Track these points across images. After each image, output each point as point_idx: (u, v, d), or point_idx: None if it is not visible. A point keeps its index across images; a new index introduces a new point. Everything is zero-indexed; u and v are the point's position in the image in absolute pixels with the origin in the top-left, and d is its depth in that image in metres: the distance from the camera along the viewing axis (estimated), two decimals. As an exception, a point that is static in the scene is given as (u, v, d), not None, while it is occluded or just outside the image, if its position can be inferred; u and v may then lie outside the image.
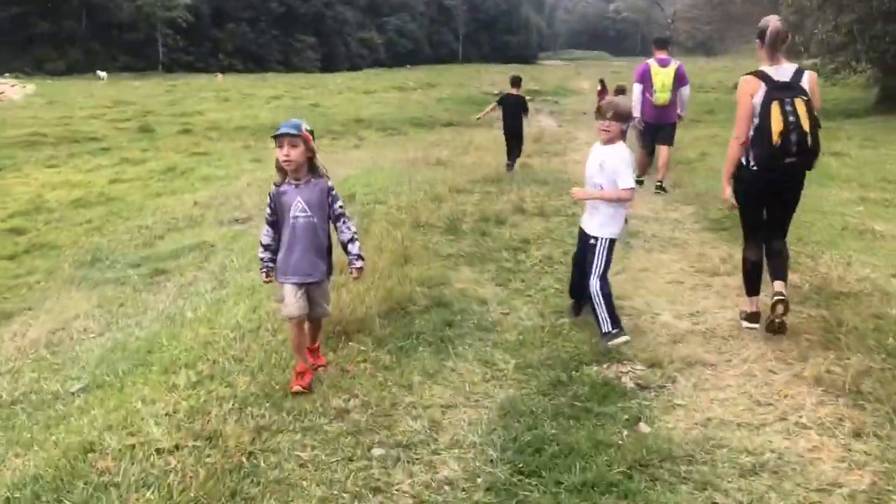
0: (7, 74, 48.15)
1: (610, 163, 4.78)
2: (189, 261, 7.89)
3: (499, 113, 13.01)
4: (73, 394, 4.58)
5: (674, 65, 9.25)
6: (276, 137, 3.97)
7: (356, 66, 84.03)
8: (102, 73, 53.75)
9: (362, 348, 4.59)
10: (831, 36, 25.92)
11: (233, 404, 3.82)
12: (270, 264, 4.21)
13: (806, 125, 4.41)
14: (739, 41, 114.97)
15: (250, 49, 79.58)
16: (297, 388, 3.99)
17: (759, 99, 4.54)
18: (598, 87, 30.17)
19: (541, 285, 5.98)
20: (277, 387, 4.01)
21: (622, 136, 4.96)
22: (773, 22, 4.62)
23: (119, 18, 65.67)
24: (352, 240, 4.18)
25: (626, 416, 3.79)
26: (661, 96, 9.20)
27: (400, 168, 13.62)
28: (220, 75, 55.10)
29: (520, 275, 6.26)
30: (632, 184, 4.76)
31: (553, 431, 3.60)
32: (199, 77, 56.64)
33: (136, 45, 67.04)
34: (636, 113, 9.02)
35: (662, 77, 9.17)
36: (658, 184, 9.63)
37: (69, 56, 61.39)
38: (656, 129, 9.58)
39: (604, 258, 4.88)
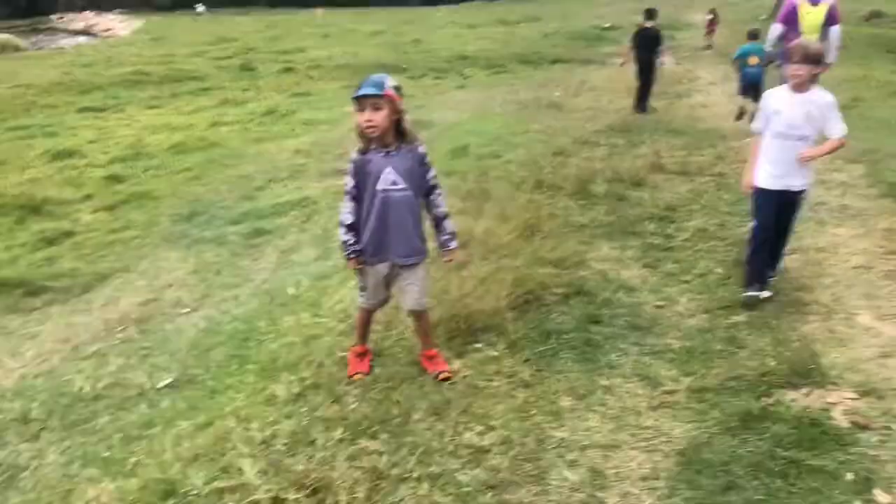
0: (117, 10, 49.15)
1: (818, 110, 4.28)
2: (290, 220, 7.24)
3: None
4: (159, 390, 3.99)
5: (826, 2, 7.98)
6: (355, 99, 3.29)
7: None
8: (200, 7, 53.81)
9: (492, 353, 3.79)
10: None
11: (342, 432, 3.10)
12: (358, 247, 3.50)
13: None
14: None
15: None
16: (357, 374, 3.64)
17: None
18: (709, 18, 28.07)
19: (699, 268, 5.00)
20: (395, 411, 3.26)
21: (815, 80, 4.39)
22: None
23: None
24: (447, 216, 3.58)
25: (852, 476, 2.85)
26: (809, 38, 7.77)
27: (511, 112, 12.63)
28: (319, 10, 54.53)
29: (671, 253, 5.28)
30: (845, 129, 4.31)
31: (758, 497, 2.72)
32: (301, 13, 56.33)
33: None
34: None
35: (812, 17, 7.92)
36: None
37: (175, -10, 62.21)
38: None
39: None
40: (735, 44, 27.69)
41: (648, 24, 11.77)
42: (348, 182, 3.47)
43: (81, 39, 39.32)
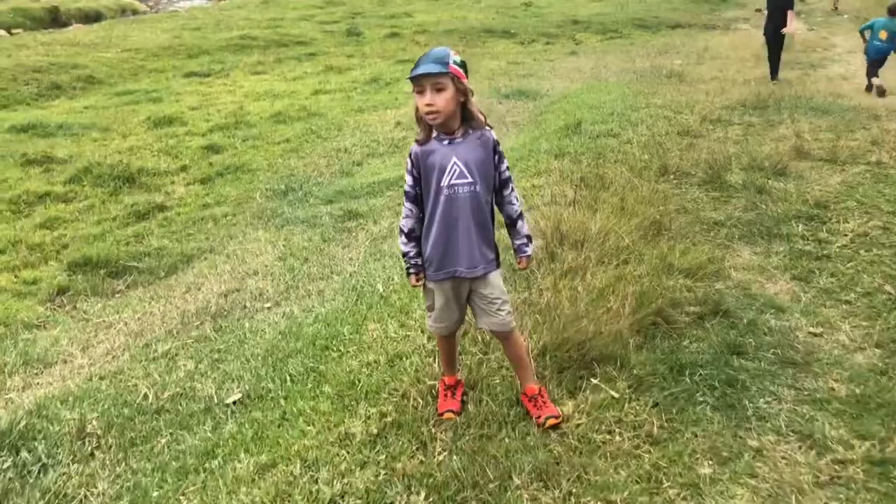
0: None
1: None
2: (385, 202, 6.71)
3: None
4: (227, 406, 3.54)
5: None
6: (413, 80, 2.65)
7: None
8: None
9: (613, 394, 3.11)
10: None
11: (425, 497, 2.53)
12: (419, 260, 2.92)
13: None
14: None
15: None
16: (446, 413, 3.06)
17: None
18: None
19: (863, 285, 4.13)
20: (491, 472, 2.64)
21: None
22: None
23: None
24: (521, 215, 3.01)
25: None
26: None
27: (628, 82, 11.68)
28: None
29: (826, 264, 4.42)
30: None
31: None
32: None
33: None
34: None
35: None
36: None
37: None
38: None
39: None
40: (869, 7, 25.39)
41: None
42: (407, 179, 2.87)
43: (199, 1, 40.03)
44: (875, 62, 10.56)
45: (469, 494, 2.54)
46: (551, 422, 2.90)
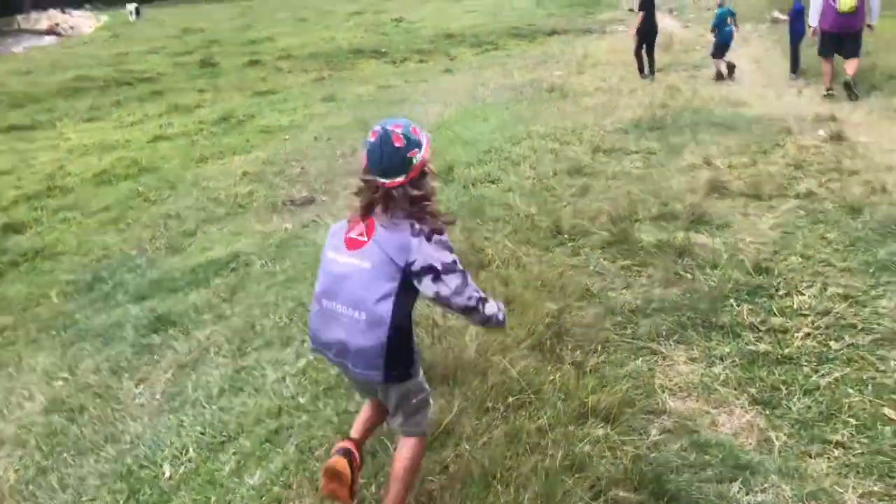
0: (87, 6, 46.78)
1: None
2: (209, 297, 5.14)
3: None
4: None
5: None
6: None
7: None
8: (131, 5, 36.81)
9: None
10: None
11: None
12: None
13: None
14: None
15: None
16: None
17: None
18: None
19: (852, 408, 2.90)
20: None
21: None
22: None
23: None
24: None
25: None
26: (846, 3, 8.05)
27: (507, 102, 10.49)
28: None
29: (792, 370, 3.17)
30: None
31: None
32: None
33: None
34: (813, 22, 8.44)
35: None
36: (846, 81, 8.25)
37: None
38: (839, 40, 8.34)
39: None
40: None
41: None
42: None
43: (48, 39, 36.94)
44: (725, 47, 11.90)
45: None
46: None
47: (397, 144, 2.14)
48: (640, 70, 12.52)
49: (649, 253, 4.30)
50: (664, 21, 22.61)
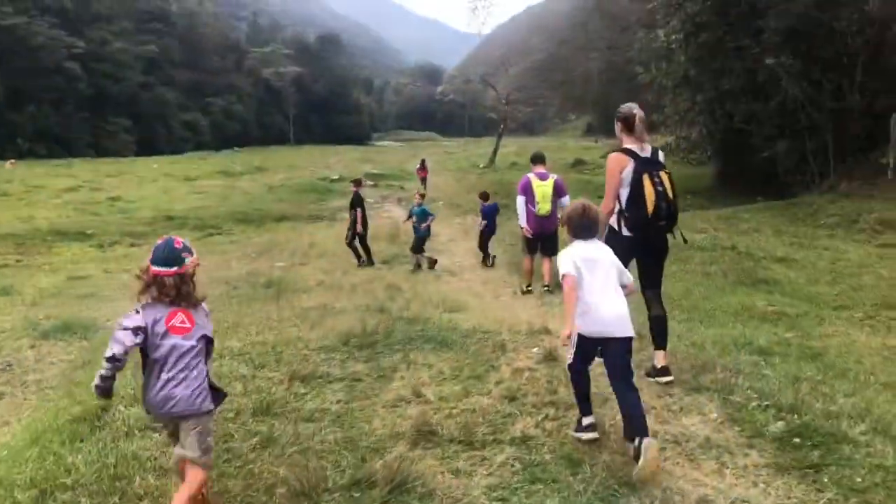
0: None
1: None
2: None
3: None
4: None
5: (552, 178, 9.58)
6: None
7: (178, 149, 77.94)
8: None
9: None
10: (685, 115, 25.20)
11: None
12: None
13: (670, 194, 5.11)
14: (559, 122, 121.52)
15: (54, 132, 71.73)
16: None
17: (628, 173, 5.11)
18: (418, 166, 32.29)
19: None
20: None
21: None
22: (637, 110, 5.27)
23: None
24: None
25: None
26: (543, 207, 9.41)
27: (213, 301, 9.36)
28: (11, 162, 47.71)
29: None
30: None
31: None
32: (-12, 164, 48.98)
33: None
34: (522, 223, 9.54)
35: (543, 189, 9.44)
36: (545, 287, 9.49)
37: None
38: (542, 239, 9.64)
39: None
40: (458, 193, 27.14)
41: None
42: None
43: None
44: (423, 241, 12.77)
45: None
46: None
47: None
48: (359, 259, 13.28)
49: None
50: (393, 210, 23.32)
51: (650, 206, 4.96)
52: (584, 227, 4.28)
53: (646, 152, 5.17)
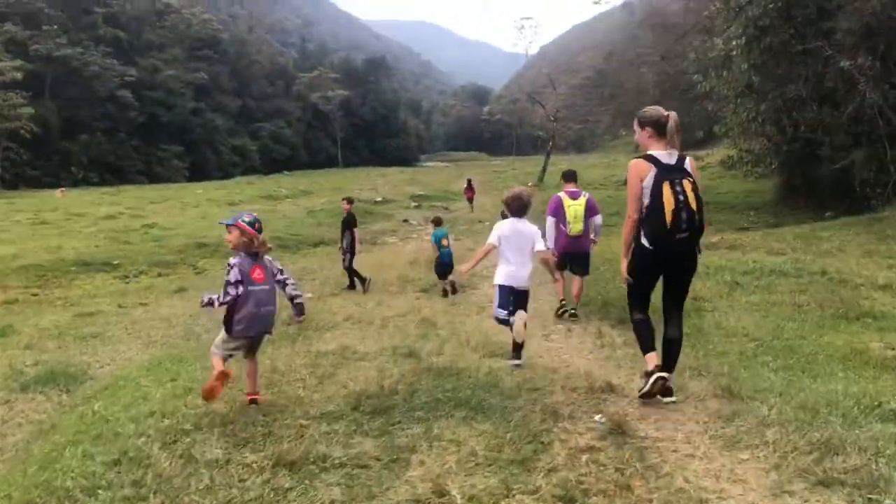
0: None
1: None
2: None
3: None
4: None
5: (584, 196, 9.27)
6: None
7: (228, 174, 78.44)
8: None
9: None
10: (748, 126, 23.41)
11: None
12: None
13: (693, 204, 4.77)
14: (609, 138, 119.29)
15: (107, 160, 72.88)
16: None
17: (649, 181, 4.84)
18: (465, 186, 33.37)
19: None
20: None
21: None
22: (672, 114, 5.00)
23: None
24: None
25: None
26: (575, 227, 9.14)
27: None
28: (61, 190, 48.05)
29: None
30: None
31: None
32: (39, 193, 49.50)
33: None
34: (550, 244, 8.90)
35: (575, 208, 9.15)
36: (572, 310, 9.14)
37: None
38: (572, 258, 9.35)
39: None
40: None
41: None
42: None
43: None
44: (448, 266, 11.94)
45: None
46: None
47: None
48: (352, 285, 12.95)
49: None
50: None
51: (669, 217, 4.72)
52: (518, 208, 6.49)
53: (670, 159, 4.93)
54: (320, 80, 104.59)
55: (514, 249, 6.38)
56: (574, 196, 9.27)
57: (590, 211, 9.24)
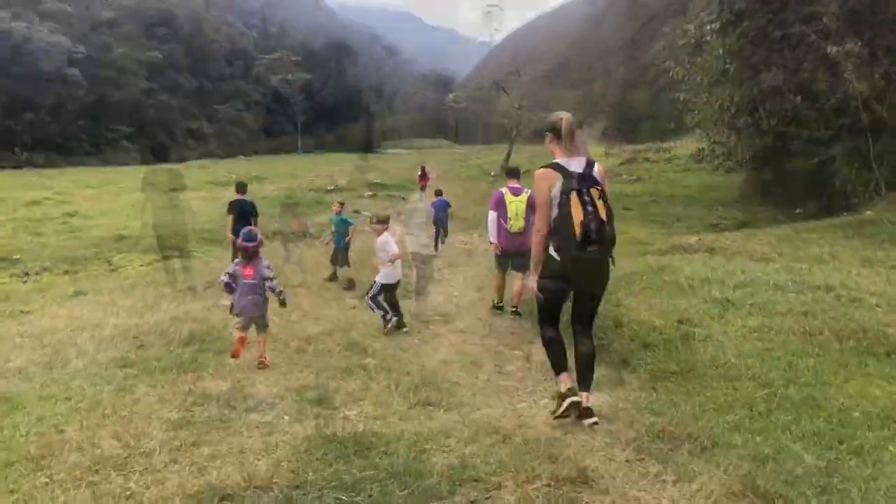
0: None
1: None
2: None
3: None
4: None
5: (526, 193, 9.13)
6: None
7: (183, 157, 75.35)
8: None
9: None
10: (721, 116, 22.01)
11: None
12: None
13: (603, 214, 4.57)
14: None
15: (55, 141, 69.47)
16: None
17: (556, 191, 4.64)
18: (419, 173, 31.46)
19: None
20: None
21: None
22: (565, 116, 4.83)
23: None
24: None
25: None
26: (516, 223, 9.10)
27: (105, 367, 6.43)
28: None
29: None
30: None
31: None
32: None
33: None
34: (493, 239, 9.31)
35: (516, 205, 9.13)
36: (513, 309, 9.19)
37: None
38: (513, 256, 9.21)
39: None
40: (465, 205, 24.12)
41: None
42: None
43: None
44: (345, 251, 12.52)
45: None
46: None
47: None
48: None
49: None
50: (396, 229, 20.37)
51: (578, 229, 4.55)
52: None
53: (577, 166, 4.72)
54: (281, 62, 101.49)
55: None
56: (516, 192, 9.24)
57: (531, 208, 8.93)
